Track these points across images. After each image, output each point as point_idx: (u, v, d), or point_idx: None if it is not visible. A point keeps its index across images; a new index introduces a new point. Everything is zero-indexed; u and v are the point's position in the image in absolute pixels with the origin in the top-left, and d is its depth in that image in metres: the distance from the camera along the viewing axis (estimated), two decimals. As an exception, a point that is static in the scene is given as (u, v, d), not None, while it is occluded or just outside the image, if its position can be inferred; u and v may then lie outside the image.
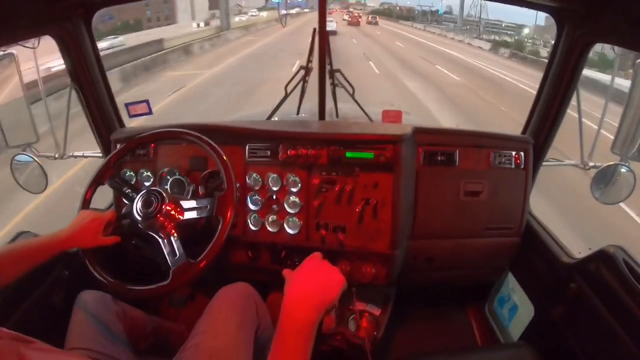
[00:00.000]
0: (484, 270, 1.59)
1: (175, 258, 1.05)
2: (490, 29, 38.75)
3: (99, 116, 1.51)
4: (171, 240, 1.07)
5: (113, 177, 1.21)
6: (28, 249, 0.99)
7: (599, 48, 5.95)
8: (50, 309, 1.22)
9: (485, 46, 23.18)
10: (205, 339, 1.03)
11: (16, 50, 1.29)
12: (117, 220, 1.16)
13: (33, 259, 0.98)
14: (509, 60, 18.32)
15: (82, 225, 1.08)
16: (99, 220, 1.10)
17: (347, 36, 23.83)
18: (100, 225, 1.10)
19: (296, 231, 1.36)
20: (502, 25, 43.19)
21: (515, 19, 42.12)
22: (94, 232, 1.09)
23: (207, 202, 1.11)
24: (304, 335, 0.65)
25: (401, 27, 41.82)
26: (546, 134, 1.42)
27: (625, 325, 0.99)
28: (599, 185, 1.46)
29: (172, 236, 1.07)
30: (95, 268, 1.10)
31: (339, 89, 1.64)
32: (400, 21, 45.96)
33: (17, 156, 1.45)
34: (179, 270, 1.03)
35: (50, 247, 1.02)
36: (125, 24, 28.42)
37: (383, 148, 1.29)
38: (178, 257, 1.05)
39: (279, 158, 1.35)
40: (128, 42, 16.77)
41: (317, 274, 0.72)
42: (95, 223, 1.09)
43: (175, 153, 1.43)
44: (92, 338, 1.02)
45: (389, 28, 37.48)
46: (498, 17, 43.56)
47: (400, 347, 1.61)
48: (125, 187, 1.21)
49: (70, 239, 1.05)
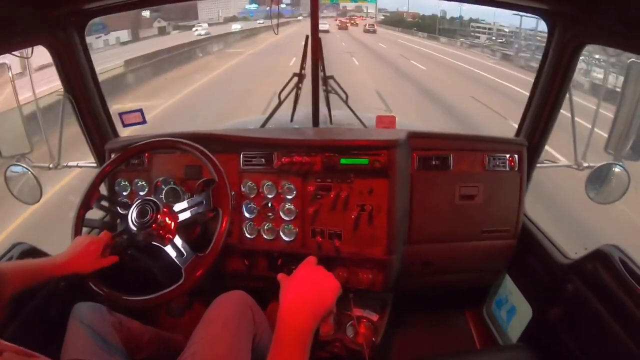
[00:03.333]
0: (481, 273, 1.59)
1: (184, 257, 1.07)
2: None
3: (93, 126, 1.50)
4: (174, 243, 1.08)
5: (99, 200, 1.21)
6: (26, 269, 0.98)
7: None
8: (46, 320, 1.21)
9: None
10: (202, 348, 1.02)
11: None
12: (113, 238, 1.15)
13: (31, 279, 0.98)
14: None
15: (80, 251, 1.07)
16: (97, 244, 1.10)
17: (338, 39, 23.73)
18: (99, 248, 1.10)
19: (292, 238, 1.36)
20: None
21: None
22: (93, 257, 1.09)
23: (201, 197, 1.12)
24: (300, 343, 0.66)
25: (412, 39, 29.62)
26: (540, 135, 1.43)
27: (623, 324, 1.00)
28: (594, 185, 1.46)
29: (174, 239, 1.08)
30: (91, 279, 1.10)
31: (332, 96, 1.64)
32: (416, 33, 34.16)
33: (11, 167, 1.44)
34: (190, 266, 1.05)
35: (47, 271, 1.02)
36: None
37: (377, 154, 1.29)
38: (186, 255, 1.07)
39: (274, 166, 1.35)
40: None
41: (312, 281, 0.72)
42: (93, 247, 1.09)
43: (170, 162, 1.43)
44: (88, 349, 1.01)
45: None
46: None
47: (399, 352, 1.61)
48: (114, 206, 1.21)
49: (69, 264, 1.05)
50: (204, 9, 33.59)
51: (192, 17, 30.72)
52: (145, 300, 1.08)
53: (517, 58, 17.70)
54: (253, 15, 36.70)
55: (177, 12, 27.43)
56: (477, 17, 30.93)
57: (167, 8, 24.69)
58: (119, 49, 16.62)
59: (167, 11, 25.16)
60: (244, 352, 1.06)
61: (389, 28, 38.34)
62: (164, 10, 24.22)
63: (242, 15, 37.51)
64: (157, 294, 1.06)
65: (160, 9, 20.95)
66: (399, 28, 37.62)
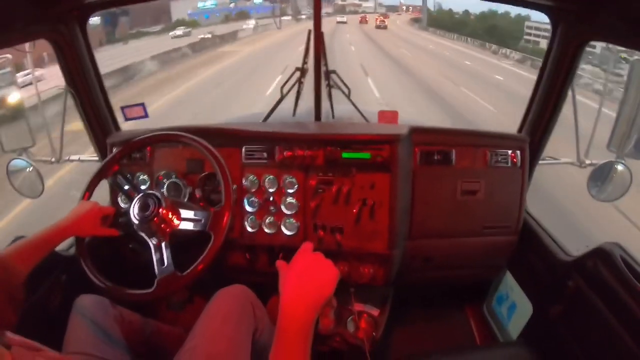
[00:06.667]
0: (482, 269, 1.59)
1: (163, 267, 1.06)
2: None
3: (95, 119, 1.50)
4: (162, 248, 1.07)
5: (117, 173, 1.21)
6: (31, 247, 1.00)
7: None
8: (48, 313, 1.22)
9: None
10: (202, 341, 1.02)
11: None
12: (115, 215, 1.17)
13: (40, 255, 1.00)
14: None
15: (81, 214, 1.09)
16: (98, 210, 1.13)
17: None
18: (99, 214, 1.12)
19: (293, 232, 1.36)
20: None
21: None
22: (92, 221, 1.11)
23: (203, 215, 1.11)
24: (303, 335, 0.66)
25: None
26: (542, 132, 1.42)
27: (623, 322, 1.00)
28: (596, 182, 1.46)
29: (164, 243, 1.08)
30: (93, 272, 1.10)
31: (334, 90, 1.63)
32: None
33: (13, 161, 1.44)
34: (164, 280, 1.04)
35: (52, 240, 1.04)
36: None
37: (379, 148, 1.29)
38: (166, 266, 1.05)
39: (276, 159, 1.35)
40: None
41: (311, 271, 0.72)
42: (94, 212, 1.12)
43: (172, 156, 1.43)
44: (90, 342, 1.02)
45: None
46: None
47: (399, 347, 1.61)
48: (128, 185, 1.21)
49: (70, 227, 1.07)
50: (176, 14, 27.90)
51: (165, 21, 26.85)
52: (132, 295, 1.08)
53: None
54: (208, 18, 27.47)
55: (147, 17, 24.37)
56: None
57: (139, 13, 22.24)
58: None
59: (138, 16, 22.08)
60: (244, 346, 1.06)
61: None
62: (135, 15, 21.63)
63: (193, 18, 27.46)
64: (134, 291, 1.06)
65: (131, 14, 19.51)
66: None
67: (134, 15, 21.92)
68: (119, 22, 21.95)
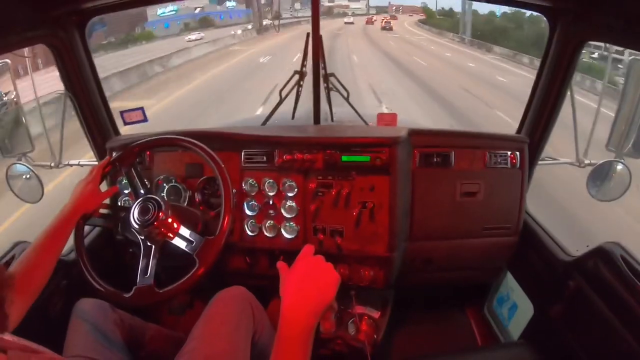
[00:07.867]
0: (483, 270, 1.59)
1: (145, 277, 1.05)
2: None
3: (94, 124, 1.51)
4: (150, 255, 1.07)
5: (132, 165, 1.21)
6: (53, 231, 1.04)
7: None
8: (48, 317, 1.22)
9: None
10: (202, 344, 1.02)
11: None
12: (104, 169, 1.22)
13: (60, 238, 1.06)
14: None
15: (81, 195, 1.14)
16: (92, 182, 1.18)
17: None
18: (95, 186, 1.17)
19: (293, 236, 1.36)
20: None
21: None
22: (93, 194, 1.16)
23: (197, 239, 1.09)
24: (304, 340, 0.66)
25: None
26: (541, 133, 1.42)
27: (624, 321, 1.00)
28: (595, 182, 1.46)
29: (154, 250, 1.07)
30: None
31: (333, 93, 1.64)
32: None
33: (13, 166, 1.45)
34: (141, 291, 1.04)
35: (63, 232, 1.06)
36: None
37: (379, 151, 1.29)
38: (147, 277, 1.05)
39: (275, 163, 1.35)
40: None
41: (312, 276, 0.72)
42: (90, 186, 1.17)
43: (171, 160, 1.43)
44: (90, 346, 1.02)
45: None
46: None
47: (401, 349, 1.61)
48: (137, 180, 1.20)
49: (76, 210, 1.11)
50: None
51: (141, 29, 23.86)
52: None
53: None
54: (168, 27, 22.93)
55: (124, 25, 22.71)
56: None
57: (115, 22, 20.24)
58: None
59: (115, 25, 20.36)
60: (243, 348, 1.06)
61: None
62: (112, 24, 20.12)
63: (151, 27, 22.30)
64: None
65: (108, 23, 18.48)
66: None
67: (110, 24, 20.22)
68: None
